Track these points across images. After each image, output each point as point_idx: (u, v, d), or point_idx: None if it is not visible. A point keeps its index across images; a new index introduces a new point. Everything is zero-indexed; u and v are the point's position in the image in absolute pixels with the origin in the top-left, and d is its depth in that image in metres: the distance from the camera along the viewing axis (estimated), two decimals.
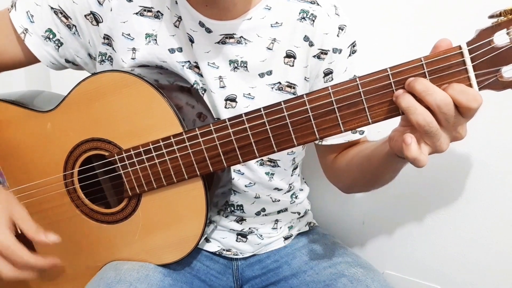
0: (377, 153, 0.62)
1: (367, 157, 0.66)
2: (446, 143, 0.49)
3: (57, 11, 0.68)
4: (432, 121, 0.47)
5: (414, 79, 0.48)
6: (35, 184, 0.69)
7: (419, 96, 0.48)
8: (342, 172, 0.74)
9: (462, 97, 0.47)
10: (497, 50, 0.47)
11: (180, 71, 0.68)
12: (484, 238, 0.84)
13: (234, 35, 0.66)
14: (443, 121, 0.48)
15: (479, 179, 0.82)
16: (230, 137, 0.58)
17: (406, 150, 0.48)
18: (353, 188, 0.78)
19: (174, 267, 0.71)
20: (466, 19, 0.74)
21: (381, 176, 0.67)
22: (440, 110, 0.47)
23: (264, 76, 0.68)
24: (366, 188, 0.78)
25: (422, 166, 0.49)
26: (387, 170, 0.63)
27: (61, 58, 0.73)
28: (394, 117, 0.52)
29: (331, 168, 0.77)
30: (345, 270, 0.70)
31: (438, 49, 0.49)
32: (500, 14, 0.47)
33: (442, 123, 0.48)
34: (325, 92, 0.52)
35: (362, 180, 0.71)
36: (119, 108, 0.62)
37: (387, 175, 0.66)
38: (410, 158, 0.49)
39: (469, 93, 0.47)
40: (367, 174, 0.68)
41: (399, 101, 0.49)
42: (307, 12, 0.67)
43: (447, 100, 0.47)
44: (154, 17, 0.67)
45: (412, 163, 0.50)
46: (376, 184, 0.71)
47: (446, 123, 0.48)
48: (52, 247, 0.72)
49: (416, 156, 0.48)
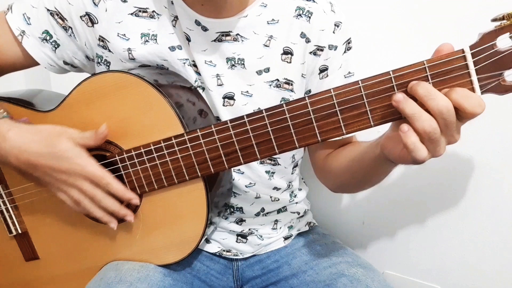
0: (368, 155, 0.62)
1: (358, 158, 0.66)
2: (444, 147, 0.50)
3: (53, 13, 0.68)
4: (437, 127, 0.47)
5: (416, 83, 0.48)
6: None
7: (421, 101, 0.48)
8: (332, 172, 0.74)
9: (467, 102, 0.46)
10: (499, 54, 0.47)
11: (182, 68, 0.68)
12: (484, 238, 0.84)
13: (230, 32, 0.66)
14: (442, 126, 0.48)
15: (479, 179, 0.82)
16: (231, 139, 0.58)
17: (404, 138, 0.48)
18: (342, 188, 0.78)
19: (175, 267, 0.71)
20: (469, 22, 0.74)
21: (371, 177, 0.67)
22: (442, 116, 0.47)
23: (261, 73, 0.68)
24: (355, 188, 0.78)
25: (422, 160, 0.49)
26: (377, 172, 0.64)
27: (59, 60, 0.72)
28: (396, 120, 0.52)
29: (321, 167, 0.77)
30: (345, 270, 0.70)
31: (439, 53, 0.49)
32: (503, 18, 0.47)
33: (441, 128, 0.48)
34: (327, 94, 0.52)
35: (352, 181, 0.71)
36: (120, 109, 0.62)
37: (377, 177, 0.67)
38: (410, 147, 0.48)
39: (474, 98, 0.47)
40: (357, 175, 0.68)
41: (402, 107, 0.48)
42: (303, 9, 0.67)
43: (449, 106, 0.46)
44: (150, 17, 0.67)
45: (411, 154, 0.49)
46: (365, 185, 0.72)
47: (445, 128, 0.48)
48: (53, 246, 0.72)
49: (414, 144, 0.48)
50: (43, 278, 0.73)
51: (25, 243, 0.72)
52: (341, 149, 0.74)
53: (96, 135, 0.61)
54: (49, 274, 0.73)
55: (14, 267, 0.74)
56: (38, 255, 0.72)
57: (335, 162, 0.72)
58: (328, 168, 0.74)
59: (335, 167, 0.72)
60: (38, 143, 0.60)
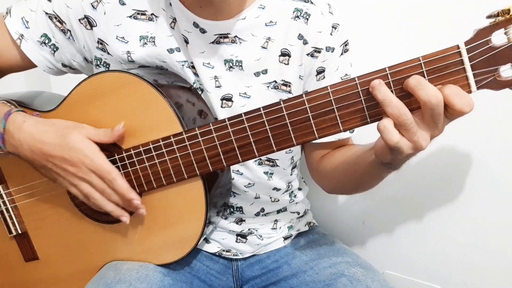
0: (363, 159, 0.62)
1: (353, 162, 0.66)
2: (425, 140, 0.50)
3: (51, 16, 0.69)
4: (407, 113, 0.48)
5: (410, 77, 0.49)
6: (36, 184, 0.69)
7: (412, 91, 0.49)
8: (327, 174, 0.74)
9: (458, 100, 0.47)
10: (494, 50, 0.48)
11: (180, 70, 0.69)
12: (484, 238, 0.84)
13: (228, 34, 0.66)
14: (427, 117, 0.48)
15: (479, 179, 0.82)
16: (229, 137, 0.58)
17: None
18: (337, 190, 0.79)
19: (174, 267, 0.71)
20: (464, 18, 0.74)
21: (366, 182, 0.67)
22: (430, 106, 0.47)
23: (259, 75, 0.68)
24: (349, 191, 0.79)
25: (394, 145, 0.49)
26: (372, 177, 0.64)
27: (57, 63, 0.73)
28: None
29: (317, 169, 0.77)
30: (345, 270, 0.70)
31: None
32: (498, 14, 0.47)
33: (425, 119, 0.49)
34: (324, 91, 0.53)
35: (345, 183, 0.72)
36: (119, 108, 0.63)
37: (371, 182, 0.67)
38: (380, 127, 0.49)
39: (465, 97, 0.47)
40: (352, 178, 0.68)
41: (375, 93, 0.49)
42: (301, 11, 0.68)
43: (438, 96, 0.47)
44: (148, 19, 0.68)
45: (382, 136, 0.50)
46: (360, 189, 0.72)
47: (429, 119, 0.48)
48: (53, 247, 0.72)
49: (384, 126, 0.49)
50: (43, 278, 0.73)
51: (25, 244, 0.73)
52: (336, 151, 0.74)
53: (113, 133, 0.61)
54: (48, 275, 0.73)
55: (14, 268, 0.74)
56: (38, 255, 0.73)
57: (330, 164, 0.73)
58: (323, 169, 0.74)
59: (330, 168, 0.72)
60: (51, 133, 0.61)
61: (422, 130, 0.50)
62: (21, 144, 0.62)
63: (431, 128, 0.49)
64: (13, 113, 0.63)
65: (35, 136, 0.61)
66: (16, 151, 0.63)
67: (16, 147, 0.63)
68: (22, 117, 0.63)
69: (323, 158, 0.75)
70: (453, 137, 0.79)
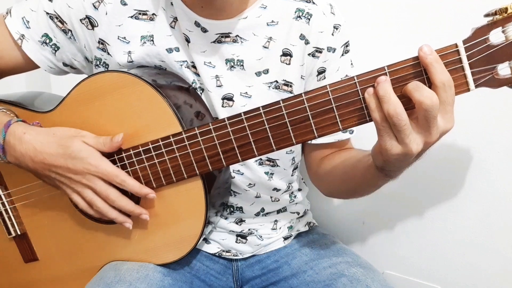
0: (362, 163, 0.62)
1: (352, 165, 0.66)
2: (416, 143, 0.49)
3: (52, 16, 0.69)
4: (402, 113, 0.48)
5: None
6: (35, 184, 0.69)
7: (409, 94, 0.49)
8: (325, 177, 0.74)
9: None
10: (492, 48, 0.48)
11: (179, 70, 0.69)
12: (484, 238, 0.84)
13: (230, 34, 0.67)
14: (421, 119, 0.48)
15: (479, 179, 0.82)
16: (229, 136, 0.58)
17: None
18: (334, 193, 0.79)
19: (174, 267, 0.71)
20: (462, 17, 0.74)
21: (363, 187, 0.67)
22: (424, 107, 0.47)
23: (260, 74, 0.68)
24: (347, 196, 0.78)
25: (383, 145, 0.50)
26: (368, 182, 0.64)
27: (58, 62, 0.73)
28: None
29: (316, 170, 0.77)
30: (345, 270, 0.70)
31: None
32: (496, 13, 0.48)
33: (420, 121, 0.49)
34: (323, 90, 0.53)
35: (344, 188, 0.72)
36: (118, 108, 0.63)
37: (368, 188, 0.66)
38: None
39: (426, 91, 0.47)
40: (350, 182, 0.68)
41: (378, 88, 0.49)
42: (303, 11, 0.68)
43: (433, 98, 0.47)
44: (150, 19, 0.68)
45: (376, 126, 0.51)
46: (357, 194, 0.71)
47: (423, 121, 0.48)
48: (52, 247, 0.72)
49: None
50: (43, 279, 0.73)
51: (24, 245, 0.72)
52: (336, 153, 0.74)
53: (112, 143, 0.61)
54: (48, 275, 0.73)
55: (14, 269, 0.74)
56: (37, 256, 0.73)
57: (329, 166, 0.73)
58: (322, 171, 0.74)
59: (329, 170, 0.72)
60: (52, 144, 0.61)
61: (416, 133, 0.49)
62: (23, 156, 0.62)
63: (424, 132, 0.49)
64: (13, 123, 0.63)
65: (36, 148, 0.61)
66: (17, 162, 0.64)
67: (17, 158, 0.63)
68: (22, 128, 0.63)
69: (323, 160, 0.75)
70: (453, 137, 0.80)
